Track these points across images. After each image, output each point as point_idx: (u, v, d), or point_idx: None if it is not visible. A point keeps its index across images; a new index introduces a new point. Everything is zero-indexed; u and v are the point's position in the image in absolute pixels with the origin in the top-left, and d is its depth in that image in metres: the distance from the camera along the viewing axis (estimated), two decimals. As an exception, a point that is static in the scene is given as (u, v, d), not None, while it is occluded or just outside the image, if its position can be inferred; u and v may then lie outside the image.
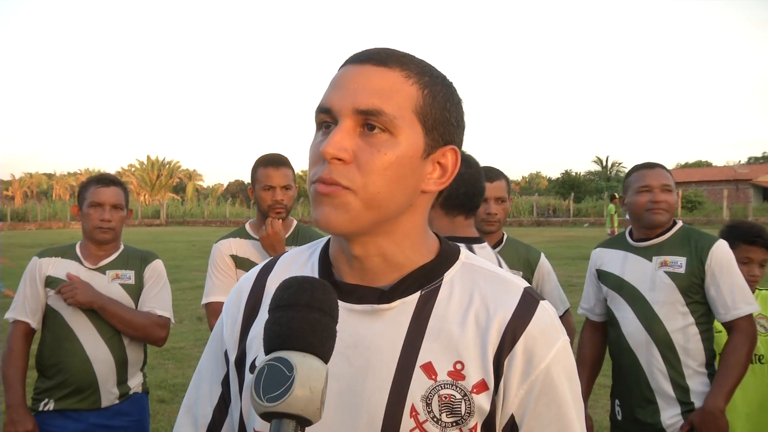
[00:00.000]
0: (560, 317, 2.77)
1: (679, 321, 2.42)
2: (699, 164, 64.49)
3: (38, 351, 2.63)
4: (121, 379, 2.61)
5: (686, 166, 63.73)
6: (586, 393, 2.83)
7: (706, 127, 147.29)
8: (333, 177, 0.84)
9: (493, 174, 2.71)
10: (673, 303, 2.43)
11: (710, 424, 2.33)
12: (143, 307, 2.66)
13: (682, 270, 2.43)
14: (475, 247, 2.03)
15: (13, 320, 2.61)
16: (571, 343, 3.04)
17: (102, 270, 2.63)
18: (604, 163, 62.92)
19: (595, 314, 2.75)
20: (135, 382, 2.68)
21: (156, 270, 2.73)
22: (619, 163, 61.92)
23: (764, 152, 67.76)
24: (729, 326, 2.43)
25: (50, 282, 2.58)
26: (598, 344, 2.77)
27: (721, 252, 2.43)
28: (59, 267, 2.60)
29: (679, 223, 2.56)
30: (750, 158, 65.11)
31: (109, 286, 2.61)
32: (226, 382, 1.00)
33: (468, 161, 2.05)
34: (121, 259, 2.69)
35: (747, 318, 2.39)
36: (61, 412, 2.55)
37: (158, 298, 2.70)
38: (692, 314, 2.42)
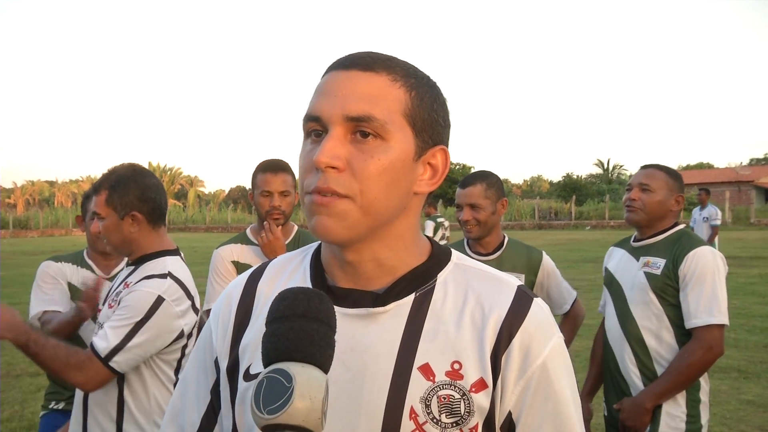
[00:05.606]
0: (571, 307, 2.79)
1: (653, 322, 2.41)
2: (700, 166, 64.28)
3: None
4: None
5: (688, 168, 63.53)
6: (595, 388, 2.84)
7: (707, 129, 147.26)
8: (329, 186, 0.83)
9: (467, 180, 2.71)
10: (647, 303, 2.42)
11: (633, 416, 2.37)
12: None
13: (658, 272, 2.41)
14: (169, 259, 2.00)
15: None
16: (578, 328, 2.99)
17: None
18: (606, 166, 62.79)
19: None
20: None
21: None
22: (621, 166, 61.76)
23: (766, 153, 67.70)
24: (692, 335, 2.34)
25: (71, 289, 2.63)
26: None
27: (699, 258, 2.35)
28: (77, 276, 2.64)
29: (680, 226, 2.53)
30: (752, 159, 64.76)
31: None
32: (215, 390, 0.98)
33: (147, 171, 2.04)
34: None
35: (707, 329, 2.29)
36: (69, 412, 2.60)
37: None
38: (667, 316, 2.39)
